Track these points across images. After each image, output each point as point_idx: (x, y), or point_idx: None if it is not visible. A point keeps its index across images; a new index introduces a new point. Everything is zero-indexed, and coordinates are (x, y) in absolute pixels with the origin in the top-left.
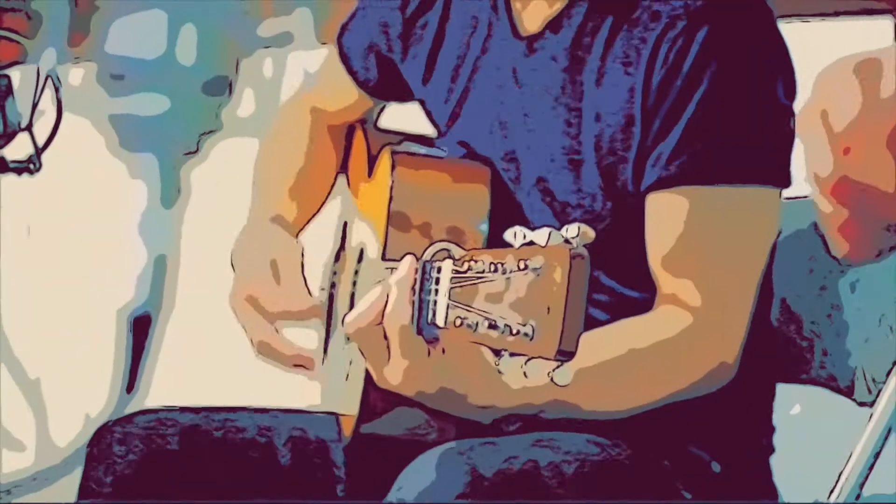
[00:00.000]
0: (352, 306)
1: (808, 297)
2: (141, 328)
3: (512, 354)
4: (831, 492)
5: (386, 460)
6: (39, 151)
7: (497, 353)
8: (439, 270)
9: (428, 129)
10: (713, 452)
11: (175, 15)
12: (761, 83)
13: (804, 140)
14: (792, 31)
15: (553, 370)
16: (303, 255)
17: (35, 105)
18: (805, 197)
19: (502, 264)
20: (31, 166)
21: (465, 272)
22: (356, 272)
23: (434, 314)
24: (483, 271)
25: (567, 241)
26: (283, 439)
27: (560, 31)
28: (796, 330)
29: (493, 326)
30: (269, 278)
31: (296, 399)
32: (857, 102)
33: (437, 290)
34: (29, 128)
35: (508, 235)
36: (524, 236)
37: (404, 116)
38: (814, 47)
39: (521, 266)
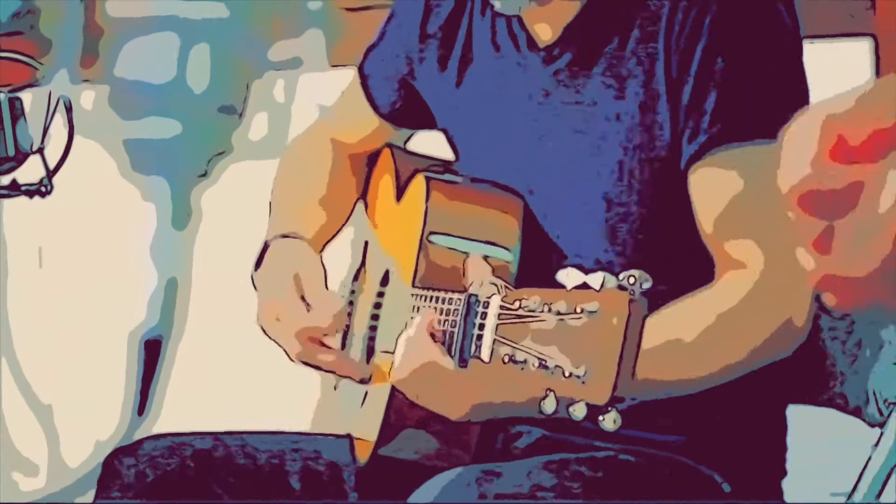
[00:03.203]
0: (372, 328)
1: (823, 319)
2: (152, 351)
3: (557, 396)
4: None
5: (397, 485)
6: (51, 174)
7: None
8: (486, 305)
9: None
10: (724, 473)
11: (186, 38)
12: (778, 40)
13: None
14: None
15: (602, 416)
16: (325, 269)
17: (46, 128)
18: None
19: (554, 305)
20: (43, 189)
21: (514, 309)
22: (380, 293)
23: (479, 349)
24: (534, 310)
25: (621, 286)
26: (295, 463)
27: (571, 44)
28: (810, 351)
29: (542, 366)
30: (293, 294)
31: (308, 423)
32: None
33: (481, 325)
34: (40, 150)
35: (561, 276)
36: (577, 277)
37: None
38: None
39: (577, 309)
